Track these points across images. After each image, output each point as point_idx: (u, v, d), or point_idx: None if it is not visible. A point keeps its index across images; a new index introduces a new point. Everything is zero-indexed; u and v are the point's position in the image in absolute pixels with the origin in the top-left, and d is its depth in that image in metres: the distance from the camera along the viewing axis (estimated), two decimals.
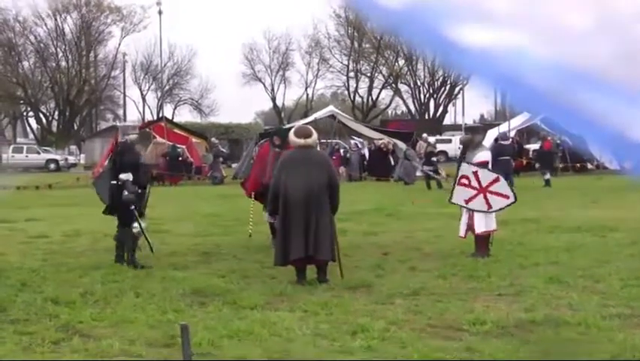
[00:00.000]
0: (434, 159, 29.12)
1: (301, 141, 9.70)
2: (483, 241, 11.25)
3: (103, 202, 11.42)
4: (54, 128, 70.29)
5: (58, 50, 69.21)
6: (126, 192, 10.85)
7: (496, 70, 3.47)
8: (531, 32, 3.49)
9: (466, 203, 11.20)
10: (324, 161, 10.09)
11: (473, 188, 11.16)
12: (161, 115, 55.34)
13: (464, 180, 11.25)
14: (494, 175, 11.40)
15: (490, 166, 11.68)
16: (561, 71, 3.39)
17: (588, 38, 3.41)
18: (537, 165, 32.38)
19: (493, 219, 11.33)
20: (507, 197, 11.19)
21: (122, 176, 10.89)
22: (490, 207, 11.11)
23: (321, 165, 9.69)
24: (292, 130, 10.24)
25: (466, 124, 69.13)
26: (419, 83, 71.85)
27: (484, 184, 11.12)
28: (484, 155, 11.79)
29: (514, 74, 3.42)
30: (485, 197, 11.10)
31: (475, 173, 11.21)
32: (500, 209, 11.25)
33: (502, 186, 11.23)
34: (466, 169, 11.31)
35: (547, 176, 27.70)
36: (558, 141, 33.04)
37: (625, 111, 3.33)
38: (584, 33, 3.42)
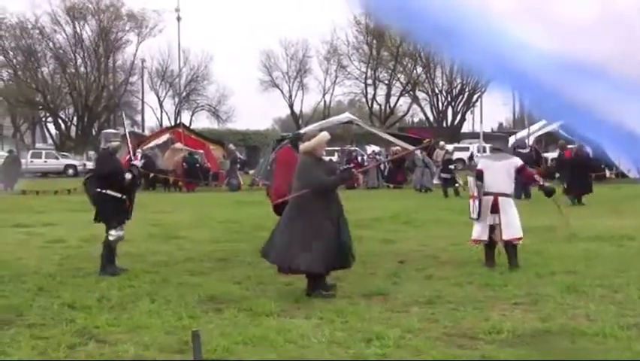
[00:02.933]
0: (452, 166, 29.05)
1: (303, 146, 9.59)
2: (487, 251, 11.18)
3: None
4: (72, 134, 70.67)
5: (77, 56, 69.65)
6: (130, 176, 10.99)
7: (511, 71, 3.45)
8: (545, 32, 3.47)
9: (473, 213, 11.20)
10: (298, 166, 9.47)
11: (471, 197, 11.24)
12: (178, 121, 55.58)
13: (470, 193, 11.35)
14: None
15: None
16: (575, 72, 3.37)
17: (599, 37, 3.40)
18: (557, 174, 32.19)
19: (479, 230, 11.23)
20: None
21: (126, 176, 10.96)
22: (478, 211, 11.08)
23: (296, 172, 9.41)
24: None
25: (483, 132, 68.87)
26: (437, 91, 71.68)
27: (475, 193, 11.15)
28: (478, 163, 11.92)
29: (530, 76, 3.40)
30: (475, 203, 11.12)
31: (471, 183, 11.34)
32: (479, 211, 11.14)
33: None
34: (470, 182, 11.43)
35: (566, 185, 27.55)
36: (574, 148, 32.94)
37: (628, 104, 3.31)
38: (595, 31, 3.40)
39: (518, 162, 11.44)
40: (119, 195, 10.91)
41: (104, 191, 10.85)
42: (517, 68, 3.43)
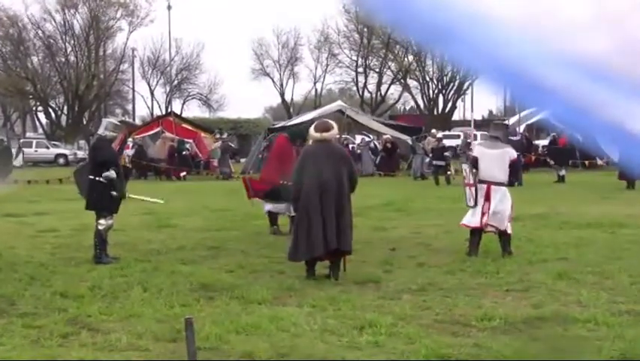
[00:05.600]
0: (447, 153, 29.02)
1: (318, 135, 9.68)
2: (472, 239, 11.17)
3: (82, 196, 11.41)
4: (63, 123, 70.37)
5: (67, 44, 69.26)
6: (115, 193, 10.86)
7: (499, 64, 3.44)
8: (533, 25, 3.46)
9: (470, 201, 11.18)
10: (342, 154, 10.06)
11: (466, 185, 11.21)
12: (169, 110, 55.39)
13: (466, 181, 11.32)
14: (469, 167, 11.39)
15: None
16: (564, 64, 3.36)
17: (590, 30, 3.39)
18: (551, 162, 32.27)
19: (470, 216, 11.21)
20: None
21: (107, 174, 10.79)
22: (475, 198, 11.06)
23: (339, 159, 9.63)
24: (313, 125, 10.19)
25: (475, 120, 68.93)
26: (428, 79, 71.61)
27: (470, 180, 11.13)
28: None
29: (517, 67, 3.39)
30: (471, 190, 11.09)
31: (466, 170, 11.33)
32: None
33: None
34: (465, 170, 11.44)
35: (563, 172, 27.70)
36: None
37: (625, 103, 3.30)
38: (585, 25, 3.39)
39: (513, 153, 11.44)
40: (124, 184, 10.94)
41: (96, 178, 10.82)
42: (509, 66, 3.42)
